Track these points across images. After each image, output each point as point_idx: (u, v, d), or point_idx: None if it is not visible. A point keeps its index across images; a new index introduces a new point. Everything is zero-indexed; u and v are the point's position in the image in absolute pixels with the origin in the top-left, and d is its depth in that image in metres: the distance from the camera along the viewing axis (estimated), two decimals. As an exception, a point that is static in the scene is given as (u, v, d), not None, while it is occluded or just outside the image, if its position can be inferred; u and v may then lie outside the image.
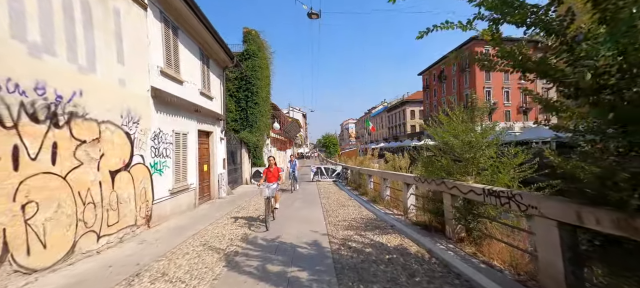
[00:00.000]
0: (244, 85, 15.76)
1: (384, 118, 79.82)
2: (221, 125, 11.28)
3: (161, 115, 6.65)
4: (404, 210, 6.70)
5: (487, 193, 3.64)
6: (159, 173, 6.48)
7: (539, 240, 2.86)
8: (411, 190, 6.62)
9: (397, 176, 7.33)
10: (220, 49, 10.01)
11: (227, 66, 11.69)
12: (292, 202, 9.34)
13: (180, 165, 7.55)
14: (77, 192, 4.16)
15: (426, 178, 5.37)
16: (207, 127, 9.75)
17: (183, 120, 7.83)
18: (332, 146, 39.90)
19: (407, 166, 7.78)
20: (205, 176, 9.82)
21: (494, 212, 4.08)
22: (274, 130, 23.41)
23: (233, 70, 15.47)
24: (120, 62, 5.23)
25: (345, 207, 8.09)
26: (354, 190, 12.03)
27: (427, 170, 5.18)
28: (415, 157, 6.13)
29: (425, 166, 5.30)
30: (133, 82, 5.59)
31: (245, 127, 15.83)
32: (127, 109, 5.38)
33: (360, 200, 9.20)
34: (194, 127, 8.62)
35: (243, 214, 7.45)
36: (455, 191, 4.39)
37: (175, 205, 7.28)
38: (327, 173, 16.18)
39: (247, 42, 16.13)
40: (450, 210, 4.57)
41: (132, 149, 5.50)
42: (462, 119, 4.49)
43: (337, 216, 6.93)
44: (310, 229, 5.73)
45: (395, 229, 5.49)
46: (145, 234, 5.61)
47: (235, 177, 14.30)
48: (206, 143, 10.13)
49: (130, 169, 5.45)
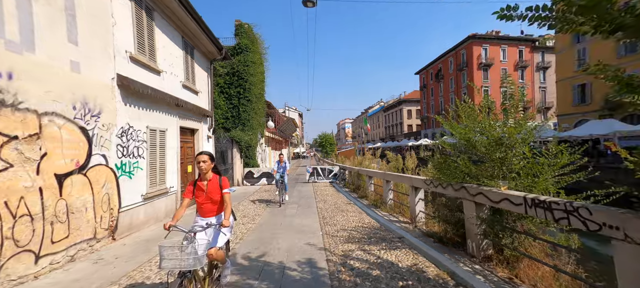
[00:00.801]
0: (236, 81, 14.84)
1: (381, 117, 79.25)
2: (208, 122, 10.37)
3: (132, 108, 5.73)
4: (412, 217, 5.88)
5: (530, 203, 2.82)
6: (128, 176, 5.56)
7: (624, 273, 2.04)
8: (420, 195, 5.80)
9: (402, 178, 6.50)
10: (207, 39, 9.09)
11: (215, 58, 10.76)
12: (285, 206, 8.47)
13: (156, 166, 6.63)
14: (3, 202, 3.24)
15: (441, 182, 4.55)
16: (191, 124, 8.83)
17: (161, 115, 6.91)
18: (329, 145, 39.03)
19: (413, 167, 6.96)
20: (189, 178, 8.89)
21: (534, 226, 3.26)
22: (269, 129, 22.50)
23: (224, 65, 14.59)
24: (72, 42, 4.30)
25: (344, 213, 7.24)
26: (352, 192, 11.20)
27: (442, 172, 4.36)
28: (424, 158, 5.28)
29: (440, 168, 4.48)
30: (92, 68, 4.67)
31: (237, 125, 14.90)
32: (82, 99, 4.46)
33: (360, 204, 8.36)
34: (175, 123, 7.70)
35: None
36: (481, 199, 3.57)
37: (151, 212, 6.36)
38: (324, 174, 15.34)
39: (239, 36, 15.22)
40: (473, 221, 3.75)
41: (89, 148, 4.58)
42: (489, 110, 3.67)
43: (336, 224, 6.08)
44: (305, 242, 4.86)
45: (404, 242, 4.65)
46: (106, 249, 4.69)
47: (225, 179, 13.38)
48: (190, 142, 9.21)
49: (87, 172, 4.53)
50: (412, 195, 5.89)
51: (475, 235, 3.74)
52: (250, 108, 15.17)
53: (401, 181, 6.70)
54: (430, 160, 4.87)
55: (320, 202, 8.98)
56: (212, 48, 9.86)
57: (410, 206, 6.03)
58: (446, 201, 4.65)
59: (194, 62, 9.16)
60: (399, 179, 6.71)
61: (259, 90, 16.46)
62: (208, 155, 2.80)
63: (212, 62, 10.70)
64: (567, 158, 3.24)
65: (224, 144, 13.84)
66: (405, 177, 6.32)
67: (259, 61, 16.36)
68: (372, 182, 9.56)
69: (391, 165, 9.24)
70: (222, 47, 10.34)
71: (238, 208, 8.32)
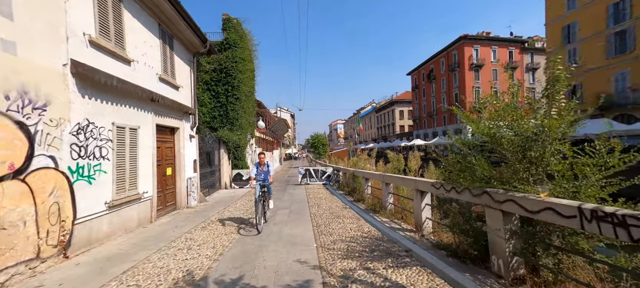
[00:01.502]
0: (224, 78, 13.97)
1: (373, 118, 79.11)
2: (191, 121, 9.50)
3: (92, 101, 4.88)
4: (417, 224, 5.22)
5: (589, 216, 2.17)
6: (86, 181, 4.71)
7: None
8: (426, 200, 5.14)
9: (405, 181, 5.83)
10: (188, 28, 8.25)
11: (199, 52, 9.91)
12: (274, 212, 7.70)
13: (126, 169, 5.77)
14: None
15: (454, 185, 3.90)
16: (170, 122, 7.97)
17: (131, 111, 6.05)
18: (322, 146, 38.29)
19: (417, 168, 6.32)
20: (168, 181, 8.03)
21: (585, 243, 2.61)
22: (259, 129, 21.64)
23: (211, 61, 13.72)
24: (4, 16, 3.45)
25: (340, 219, 6.53)
26: (347, 195, 10.51)
27: (459, 175, 3.70)
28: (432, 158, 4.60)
29: (454, 170, 3.82)
30: (34, 49, 3.82)
31: (224, 125, 14.03)
32: (20, 87, 3.61)
33: (356, 209, 7.67)
34: (150, 120, 6.84)
35: (209, 232, 5.76)
36: (511, 207, 2.92)
37: (118, 222, 5.50)
38: (317, 176, 14.61)
39: (227, 30, 14.37)
40: (500, 234, 3.10)
41: (31, 147, 3.73)
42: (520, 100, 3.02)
43: (332, 234, 5.36)
44: (296, 258, 4.12)
45: (413, 257, 3.97)
46: (53, 271, 3.84)
47: (212, 181, 12.52)
48: (170, 141, 8.34)
49: (27, 177, 3.67)
50: (417, 200, 5.23)
51: (503, 251, 3.09)
52: (239, 107, 14.32)
53: (404, 184, 6.03)
54: (443, 160, 4.20)
55: (314, 207, 8.25)
56: (194, 39, 9.01)
57: (415, 212, 5.37)
58: (460, 208, 4.00)
59: (174, 53, 8.30)
60: (401, 182, 6.04)
61: (249, 88, 15.63)
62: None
63: (195, 56, 9.84)
64: (620, 157, 2.62)
65: (210, 144, 12.91)
66: (409, 180, 5.65)
67: (249, 58, 15.55)
68: (369, 184, 8.89)
69: (389, 167, 8.60)
70: (206, 39, 9.50)
71: (224, 214, 7.50)
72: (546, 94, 2.64)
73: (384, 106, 72.23)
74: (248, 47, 15.45)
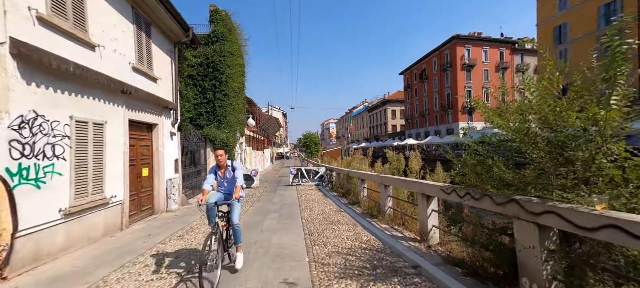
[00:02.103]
0: (211, 73, 13.17)
1: (366, 118, 78.94)
2: (172, 117, 8.71)
3: (42, 90, 4.10)
4: (422, 233, 4.64)
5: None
6: (33, 186, 3.93)
7: None
8: (433, 206, 4.56)
9: (409, 184, 5.24)
10: (167, 14, 7.46)
11: (181, 41, 9.10)
12: (263, 217, 7.02)
13: (88, 170, 4.99)
14: None
15: (470, 191, 3.32)
16: (147, 118, 7.18)
17: (97, 103, 5.27)
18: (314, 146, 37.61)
19: (418, 169, 5.74)
20: (144, 183, 7.24)
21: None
22: (250, 128, 20.83)
23: (197, 55, 12.89)
24: None
25: (335, 226, 5.90)
26: (341, 197, 9.90)
27: (479, 178, 3.11)
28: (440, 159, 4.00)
29: (472, 173, 3.23)
30: (-46, 21, 3.05)
31: (212, 122, 13.22)
32: None
33: (352, 213, 7.07)
34: (121, 115, 6.06)
35: (186, 242, 5.04)
36: (552, 221, 2.35)
37: (79, 232, 4.73)
38: (309, 176, 13.96)
39: (215, 23, 13.56)
40: (535, 253, 2.52)
41: (-52, 144, 2.95)
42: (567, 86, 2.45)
43: (327, 244, 4.72)
44: (284, 278, 3.46)
45: (423, 275, 3.37)
46: (-20, 300, 3.08)
47: (197, 182, 11.72)
48: (147, 139, 7.54)
49: (-57, 182, 2.90)
50: (423, 205, 4.64)
51: (538, 274, 2.51)
52: (228, 103, 13.54)
53: (407, 187, 5.44)
54: (455, 162, 3.62)
55: (306, 211, 7.59)
56: (175, 28, 8.22)
57: (420, 219, 4.78)
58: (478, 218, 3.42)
59: (152, 42, 7.50)
60: (404, 185, 5.45)
61: (238, 84, 14.82)
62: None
63: (177, 46, 9.03)
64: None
65: (195, 143, 12.09)
66: (413, 183, 5.06)
67: (238, 53, 14.75)
68: (365, 186, 8.29)
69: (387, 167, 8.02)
70: (189, 28, 8.71)
71: (206, 220, 6.78)
72: (607, 77, 2.05)
73: (377, 106, 72.10)
74: (237, 41, 14.66)
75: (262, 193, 11.45)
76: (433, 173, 5.65)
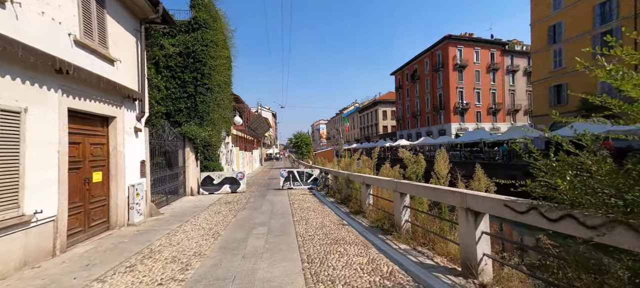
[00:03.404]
0: (192, 64, 11.58)
1: (356, 119, 78.15)
2: (138, 109, 7.15)
3: None
4: (466, 263, 3.36)
5: None
6: None
7: None
8: (483, 226, 3.29)
9: (441, 194, 3.93)
10: (127, -22, 5.94)
11: (150, 19, 7.52)
12: (247, 233, 5.59)
13: (-9, 177, 3.45)
14: None
15: (570, 211, 2.07)
16: (98, 108, 5.63)
17: (7, 82, 3.74)
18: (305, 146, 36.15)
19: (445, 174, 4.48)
20: (95, 191, 5.68)
21: None
22: (236, 126, 19.22)
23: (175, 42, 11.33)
24: None
25: (340, 247, 4.55)
26: (340, 204, 8.59)
27: (595, 195, 1.85)
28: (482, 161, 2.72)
29: (581, 186, 1.97)
30: None
31: (192, 119, 11.63)
32: None
33: (358, 227, 5.76)
34: (55, 101, 4.51)
35: (135, 278, 3.57)
36: None
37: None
38: (302, 179, 12.58)
39: (196, 8, 11.98)
40: None
41: None
42: None
43: (334, 280, 3.37)
44: None
45: None
46: None
47: (173, 187, 10.14)
48: (100, 134, 5.98)
49: None
50: (467, 224, 3.37)
51: None
52: (211, 98, 11.99)
53: (437, 197, 4.11)
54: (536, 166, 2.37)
55: (301, 223, 6.22)
56: (141, 0, 6.69)
57: (461, 243, 3.51)
58: (579, 255, 2.17)
59: (106, 13, 5.94)
60: (433, 195, 4.15)
61: (223, 78, 13.26)
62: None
63: (143, 23, 7.46)
64: None
65: (171, 141, 10.49)
66: (448, 192, 3.76)
67: (223, 43, 13.22)
68: (370, 191, 7.00)
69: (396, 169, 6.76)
70: (158, 3, 7.19)
71: (172, 240, 5.26)
72: None
73: (367, 106, 71.42)
74: (222, 31, 13.12)
75: (248, 199, 9.98)
76: (465, 179, 4.39)
